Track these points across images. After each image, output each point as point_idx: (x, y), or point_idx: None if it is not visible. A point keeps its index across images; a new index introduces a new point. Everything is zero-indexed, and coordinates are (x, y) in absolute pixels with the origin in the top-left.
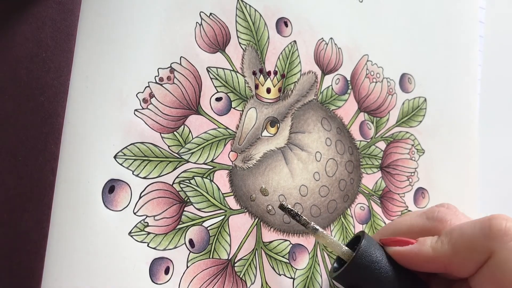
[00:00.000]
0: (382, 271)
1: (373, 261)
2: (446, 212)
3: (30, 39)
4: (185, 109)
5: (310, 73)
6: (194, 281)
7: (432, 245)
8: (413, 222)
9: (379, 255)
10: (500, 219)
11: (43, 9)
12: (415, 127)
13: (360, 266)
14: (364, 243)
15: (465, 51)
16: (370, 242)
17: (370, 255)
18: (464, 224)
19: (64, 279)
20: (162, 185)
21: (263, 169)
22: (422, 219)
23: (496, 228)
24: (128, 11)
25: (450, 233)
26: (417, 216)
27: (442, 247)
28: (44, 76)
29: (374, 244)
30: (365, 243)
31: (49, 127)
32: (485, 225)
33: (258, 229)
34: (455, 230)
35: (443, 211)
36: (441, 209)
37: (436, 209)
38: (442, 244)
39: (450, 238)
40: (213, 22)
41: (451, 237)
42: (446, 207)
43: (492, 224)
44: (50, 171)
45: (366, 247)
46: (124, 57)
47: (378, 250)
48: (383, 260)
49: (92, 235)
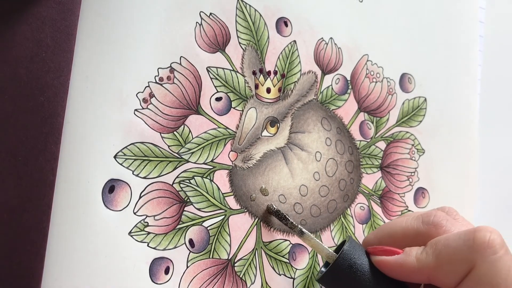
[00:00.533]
0: (364, 276)
1: (355, 265)
2: (442, 217)
3: (30, 39)
4: (185, 109)
5: (310, 73)
6: (194, 281)
7: (417, 256)
8: (408, 225)
9: (363, 260)
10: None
11: (43, 9)
12: (415, 127)
13: (342, 269)
14: (347, 246)
15: (465, 51)
16: (354, 246)
17: (352, 259)
18: (451, 235)
19: (64, 279)
20: (162, 185)
21: (263, 169)
22: (417, 222)
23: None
24: (128, 11)
25: (435, 244)
26: (414, 219)
27: (426, 258)
28: (44, 76)
29: (359, 249)
30: (348, 246)
31: (49, 127)
32: (469, 237)
33: (258, 229)
34: (440, 241)
35: (440, 216)
36: (438, 213)
37: (433, 213)
38: (427, 255)
39: (435, 249)
40: (213, 22)
41: (436, 248)
42: (446, 211)
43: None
44: (50, 171)
45: (348, 251)
46: (124, 57)
47: (362, 255)
48: (365, 265)
49: (92, 235)
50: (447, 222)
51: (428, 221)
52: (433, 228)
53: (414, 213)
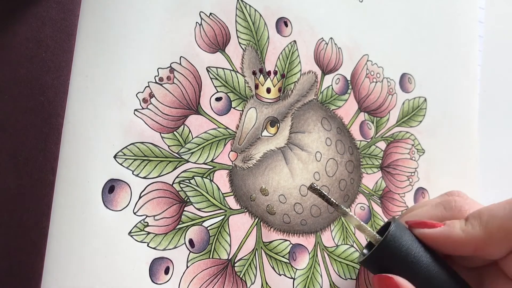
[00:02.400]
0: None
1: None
2: (462, 202)
3: (30, 39)
4: (185, 109)
5: (310, 73)
6: (194, 281)
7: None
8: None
9: (409, 239)
10: None
11: (43, 9)
12: (415, 127)
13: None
14: (393, 228)
15: (465, 51)
16: (399, 227)
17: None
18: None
19: (64, 279)
20: (162, 185)
21: (263, 169)
22: (440, 209)
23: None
24: (128, 11)
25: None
26: (434, 207)
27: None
28: (44, 76)
29: (404, 229)
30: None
31: (49, 127)
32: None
33: (258, 229)
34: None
35: (460, 201)
36: (457, 198)
37: (452, 198)
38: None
39: (481, 221)
40: (213, 22)
41: (482, 219)
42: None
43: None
44: (50, 171)
45: (395, 232)
46: (124, 57)
47: (408, 235)
48: (413, 244)
49: (92, 235)
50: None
51: (451, 207)
52: (458, 212)
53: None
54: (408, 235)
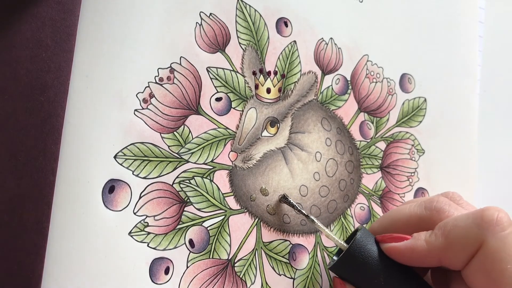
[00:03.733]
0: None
1: (367, 253)
2: (445, 202)
3: (30, 39)
4: (185, 109)
5: (310, 73)
6: (194, 281)
7: (426, 239)
8: (411, 212)
9: (374, 249)
10: (493, 210)
11: (43, 9)
12: (415, 127)
13: (355, 257)
14: (359, 235)
15: (465, 51)
16: (366, 235)
17: (364, 247)
18: (458, 216)
19: (64, 279)
20: (162, 185)
21: (263, 169)
22: (420, 208)
23: (488, 218)
24: (128, 11)
25: (444, 226)
26: (416, 206)
27: (436, 240)
28: (44, 76)
29: (370, 238)
30: (360, 235)
31: (49, 127)
32: (478, 216)
33: (258, 229)
34: (448, 223)
35: (442, 201)
36: (441, 199)
37: (435, 198)
38: (436, 237)
39: (444, 231)
40: (213, 22)
41: (444, 229)
42: (450, 197)
43: (484, 215)
44: (50, 171)
45: (361, 239)
46: (124, 57)
47: (373, 244)
48: (376, 253)
49: (92, 235)
50: (450, 207)
51: (430, 207)
52: (436, 213)
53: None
54: (374, 244)
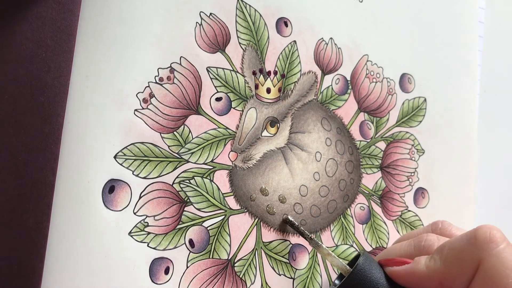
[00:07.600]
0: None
1: (370, 278)
2: (433, 240)
3: (30, 39)
4: (185, 109)
5: (310, 73)
6: (194, 281)
7: (425, 263)
8: (402, 253)
9: (377, 274)
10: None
11: (43, 9)
12: (415, 127)
13: (357, 283)
14: (362, 260)
15: (465, 51)
16: (368, 260)
17: (368, 272)
18: (453, 239)
19: (64, 279)
20: (162, 185)
21: (263, 169)
22: (410, 248)
23: (482, 237)
24: (128, 11)
25: (441, 249)
26: (407, 246)
27: (435, 264)
28: (44, 76)
29: (373, 262)
30: (363, 260)
31: (49, 127)
32: (471, 236)
33: (258, 229)
34: (445, 246)
35: (430, 240)
36: (429, 237)
37: (424, 237)
38: (435, 261)
39: (441, 254)
40: (213, 22)
41: (442, 253)
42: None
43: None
44: (50, 171)
45: (364, 264)
46: (124, 57)
47: (377, 269)
48: (381, 279)
49: (92, 235)
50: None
51: (419, 246)
52: (425, 251)
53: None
54: (376, 268)
